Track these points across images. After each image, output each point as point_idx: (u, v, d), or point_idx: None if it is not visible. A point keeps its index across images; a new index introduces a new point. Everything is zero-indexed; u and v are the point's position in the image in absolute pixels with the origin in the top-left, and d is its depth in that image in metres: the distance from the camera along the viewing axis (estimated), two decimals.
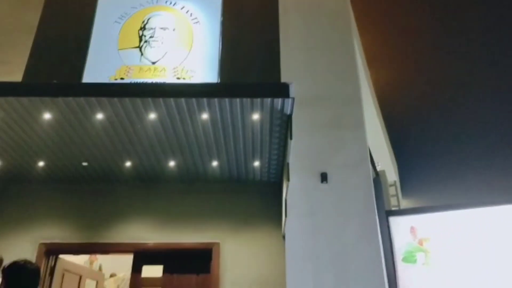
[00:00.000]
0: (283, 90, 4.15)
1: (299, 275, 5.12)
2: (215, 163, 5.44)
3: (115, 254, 6.01)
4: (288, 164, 4.74)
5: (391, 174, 11.04)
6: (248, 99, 4.11)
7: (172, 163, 5.46)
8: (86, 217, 5.92)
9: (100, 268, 7.60)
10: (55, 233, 5.84)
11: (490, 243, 5.16)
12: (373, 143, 7.77)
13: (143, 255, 5.68)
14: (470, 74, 8.52)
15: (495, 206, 5.39)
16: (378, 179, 6.05)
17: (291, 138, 4.41)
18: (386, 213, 5.75)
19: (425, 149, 11.03)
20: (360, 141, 5.67)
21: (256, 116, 4.41)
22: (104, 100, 4.33)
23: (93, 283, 6.23)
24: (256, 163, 5.39)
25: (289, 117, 4.45)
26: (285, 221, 5.15)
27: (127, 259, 5.95)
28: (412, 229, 5.63)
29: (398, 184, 11.04)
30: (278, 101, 4.21)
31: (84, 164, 5.54)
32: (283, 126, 4.63)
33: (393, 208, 7.54)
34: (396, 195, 8.85)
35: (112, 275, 8.06)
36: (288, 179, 4.72)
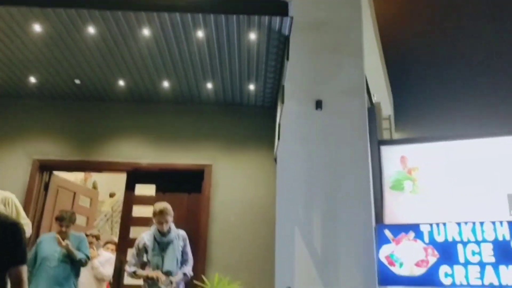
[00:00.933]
0: (281, 8, 4.02)
1: (289, 198, 5.24)
2: (209, 85, 5.38)
3: (108, 172, 6.10)
4: (283, 86, 4.69)
5: (386, 108, 11.01)
6: (245, 16, 4.00)
7: (166, 84, 5.40)
8: (79, 135, 5.93)
9: (94, 185, 7.72)
10: (49, 150, 5.88)
11: (477, 174, 5.24)
12: (371, 74, 7.66)
13: (136, 174, 5.76)
14: (473, 5, 8.28)
15: (485, 138, 5.43)
16: (372, 108, 6.03)
17: (287, 59, 4.33)
18: (378, 142, 5.79)
19: (422, 85, 10.96)
20: (358, 69, 5.59)
21: (252, 36, 4.30)
22: (96, 13, 4.19)
23: (87, 200, 6.36)
24: (252, 86, 5.34)
25: (286, 38, 4.34)
26: (277, 145, 5.18)
27: (122, 179, 6.04)
28: (402, 158, 5.69)
29: (392, 118, 11.05)
30: (276, 20, 4.09)
31: (77, 81, 5.46)
32: (280, 48, 4.53)
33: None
34: (390, 129, 8.88)
35: (111, 195, 8.22)
36: (282, 102, 4.69)
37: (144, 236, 4.24)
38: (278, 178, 5.36)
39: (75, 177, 7.33)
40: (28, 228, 4.19)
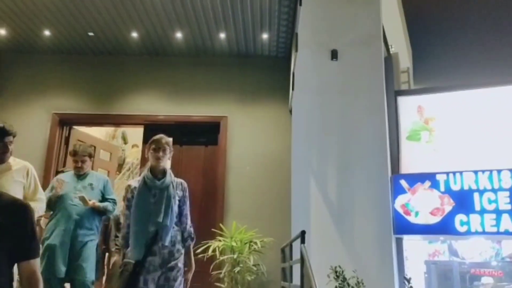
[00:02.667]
0: None
1: (304, 148, 5.24)
2: (222, 35, 5.32)
3: (126, 126, 6.18)
4: (297, 34, 4.61)
5: (405, 60, 10.77)
6: None
7: (179, 35, 5.35)
8: (96, 89, 5.98)
9: (124, 136, 7.71)
10: (67, 104, 5.96)
11: (494, 122, 5.16)
12: (388, 24, 7.46)
13: (153, 128, 5.79)
14: None
15: (502, 86, 5.31)
16: (389, 58, 5.91)
17: (300, 4, 4.23)
18: (395, 93, 5.71)
19: (442, 36, 10.64)
20: (374, 18, 5.44)
21: None
22: None
23: (108, 154, 6.47)
24: (265, 35, 5.26)
25: None
26: (292, 95, 5.14)
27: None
28: (420, 108, 5.61)
29: (411, 71, 10.82)
30: None
31: (90, 34, 5.45)
32: None
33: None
34: (408, 82, 8.72)
35: (134, 146, 8.32)
36: (296, 50, 4.62)
37: (131, 183, 3.16)
38: (293, 129, 5.36)
39: (105, 130, 7.39)
40: (42, 204, 3.64)
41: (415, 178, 5.14)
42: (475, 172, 4.88)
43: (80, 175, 4.28)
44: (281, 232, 5.07)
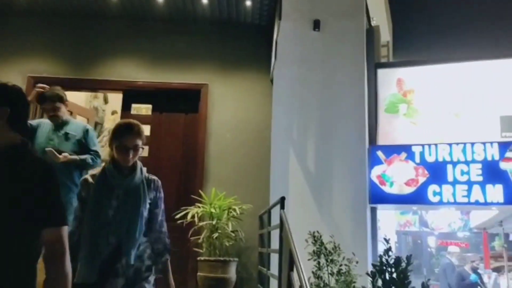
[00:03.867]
0: None
1: (285, 118, 5.29)
2: (205, 0, 5.23)
3: (104, 91, 6.09)
4: (281, 2, 4.58)
5: (385, 34, 10.82)
6: None
7: None
8: (74, 53, 5.85)
9: (105, 96, 7.53)
10: (43, 68, 5.82)
11: (470, 96, 5.28)
12: None
13: (132, 94, 5.75)
14: None
15: (479, 60, 5.43)
16: (371, 31, 5.94)
17: None
18: (375, 65, 5.77)
19: (424, 10, 10.68)
20: None
21: None
22: None
23: (84, 120, 6.37)
24: (248, 2, 5.20)
25: None
26: (274, 64, 5.15)
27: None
28: (399, 81, 5.70)
29: (390, 45, 10.90)
30: None
31: None
32: None
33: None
34: (387, 56, 8.79)
35: (113, 113, 8.19)
36: (280, 18, 4.61)
37: (89, 177, 2.40)
38: (274, 99, 5.38)
39: (85, 96, 7.21)
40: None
41: (392, 150, 5.27)
42: (450, 144, 5.03)
43: (57, 125, 3.74)
44: (259, 199, 5.16)
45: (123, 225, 2.26)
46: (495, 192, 4.75)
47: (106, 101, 7.67)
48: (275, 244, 3.98)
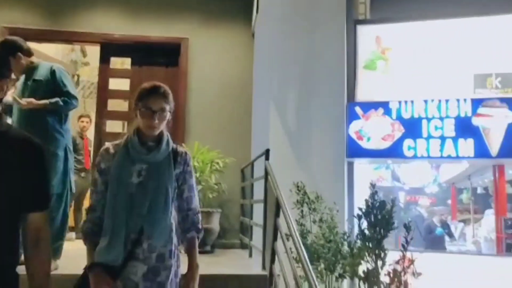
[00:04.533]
0: None
1: (266, 73, 5.33)
2: None
3: (81, 44, 5.95)
4: None
5: None
6: None
7: None
8: (50, 4, 5.65)
9: (82, 49, 7.35)
10: (18, 18, 5.62)
11: (446, 54, 5.41)
12: None
13: (110, 47, 5.64)
14: None
15: (456, 18, 5.53)
16: None
17: None
18: (354, 22, 5.81)
19: None
20: None
21: None
22: None
23: None
24: None
25: None
26: (255, 18, 5.12)
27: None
28: (378, 38, 5.77)
29: (368, 2, 10.91)
30: None
31: None
32: None
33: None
34: (365, 13, 8.82)
35: (86, 64, 8.01)
36: None
37: (110, 146, 2.11)
38: (255, 53, 5.40)
39: (61, 48, 7.00)
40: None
41: (370, 106, 5.40)
42: (425, 101, 5.19)
43: (27, 75, 3.35)
44: (241, 154, 5.25)
45: (144, 204, 1.98)
46: (467, 146, 4.97)
47: (84, 54, 7.50)
48: (258, 194, 4.11)
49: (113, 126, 5.80)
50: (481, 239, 6.57)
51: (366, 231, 2.90)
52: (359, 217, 3.03)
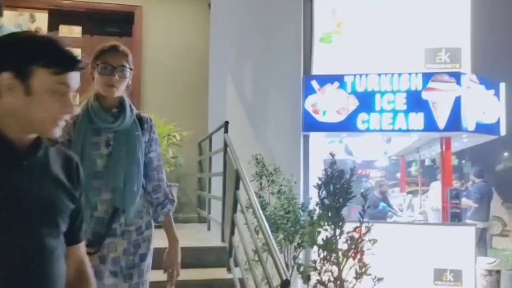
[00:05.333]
0: None
1: (222, 45, 5.26)
2: None
3: (26, 10, 5.61)
4: None
5: None
6: None
7: None
8: None
9: (32, 17, 6.90)
10: None
11: (399, 28, 5.52)
12: None
13: (59, 14, 5.37)
14: None
15: None
16: None
17: None
18: None
19: None
20: None
21: None
22: None
23: None
24: None
25: None
26: None
27: None
28: (333, 11, 5.80)
29: None
30: None
31: None
32: None
33: None
34: None
35: (36, 30, 7.58)
36: None
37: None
38: (211, 24, 5.31)
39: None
40: None
41: (325, 79, 5.46)
42: (379, 74, 5.30)
43: None
44: (197, 127, 5.19)
45: (117, 176, 1.84)
46: (417, 119, 5.14)
47: (33, 19, 7.07)
48: (217, 167, 4.10)
49: None
50: (428, 209, 6.89)
51: (326, 200, 2.98)
52: (319, 187, 3.10)
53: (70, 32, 5.47)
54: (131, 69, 1.90)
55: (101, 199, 1.84)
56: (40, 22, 5.40)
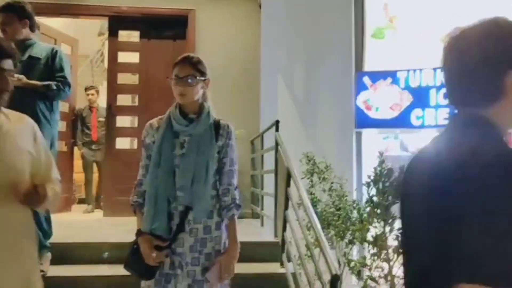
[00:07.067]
0: None
1: (273, 45, 5.34)
2: None
3: (88, 18, 5.94)
4: None
5: None
6: None
7: None
8: None
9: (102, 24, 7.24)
10: None
11: (454, 22, 5.37)
12: None
13: (118, 20, 5.63)
14: None
15: None
16: None
17: None
18: None
19: None
20: None
21: None
22: None
23: (69, 48, 6.26)
24: None
25: None
26: None
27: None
28: (385, 6, 5.73)
29: None
30: None
31: None
32: None
33: None
34: None
35: (100, 34, 7.98)
36: None
37: (153, 121, 2.16)
38: (262, 24, 5.39)
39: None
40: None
41: (378, 75, 5.41)
42: (434, 69, 5.18)
43: (21, 49, 2.74)
44: (250, 126, 5.30)
45: (187, 176, 2.01)
46: None
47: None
48: (268, 165, 4.19)
49: (124, 100, 5.87)
50: None
51: (375, 198, 2.98)
52: (368, 185, 3.11)
53: (129, 37, 5.74)
54: (200, 77, 2.07)
55: (174, 196, 2.01)
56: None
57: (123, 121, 5.89)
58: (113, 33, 5.68)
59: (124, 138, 5.81)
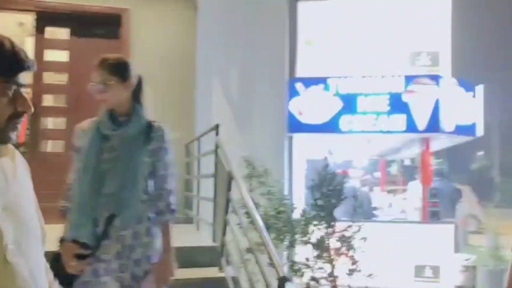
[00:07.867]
0: None
1: (209, 48, 5.35)
2: None
3: (13, 12, 5.56)
4: None
5: None
6: None
7: None
8: None
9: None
10: None
11: (384, 31, 5.69)
12: None
13: (46, 16, 5.33)
14: None
15: None
16: None
17: None
18: None
19: None
20: None
21: None
22: None
23: None
24: None
25: None
26: None
27: None
28: (318, 14, 5.95)
29: None
30: None
31: None
32: None
33: None
34: None
35: (20, 24, 7.45)
36: None
37: (84, 124, 2.07)
38: (198, 27, 5.38)
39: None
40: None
41: (310, 82, 5.59)
42: (363, 77, 5.46)
43: None
44: (184, 129, 5.23)
45: (114, 181, 1.92)
46: (399, 121, 5.32)
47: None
48: (207, 168, 4.18)
49: (51, 100, 5.57)
50: (407, 208, 7.09)
51: (319, 201, 3.10)
52: (312, 188, 3.22)
53: (56, 34, 5.45)
54: (118, 79, 1.96)
55: (99, 202, 1.91)
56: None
57: (49, 122, 5.58)
58: (39, 29, 5.37)
59: (51, 141, 5.50)
